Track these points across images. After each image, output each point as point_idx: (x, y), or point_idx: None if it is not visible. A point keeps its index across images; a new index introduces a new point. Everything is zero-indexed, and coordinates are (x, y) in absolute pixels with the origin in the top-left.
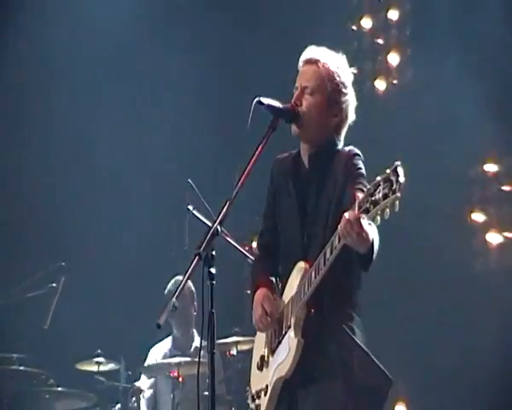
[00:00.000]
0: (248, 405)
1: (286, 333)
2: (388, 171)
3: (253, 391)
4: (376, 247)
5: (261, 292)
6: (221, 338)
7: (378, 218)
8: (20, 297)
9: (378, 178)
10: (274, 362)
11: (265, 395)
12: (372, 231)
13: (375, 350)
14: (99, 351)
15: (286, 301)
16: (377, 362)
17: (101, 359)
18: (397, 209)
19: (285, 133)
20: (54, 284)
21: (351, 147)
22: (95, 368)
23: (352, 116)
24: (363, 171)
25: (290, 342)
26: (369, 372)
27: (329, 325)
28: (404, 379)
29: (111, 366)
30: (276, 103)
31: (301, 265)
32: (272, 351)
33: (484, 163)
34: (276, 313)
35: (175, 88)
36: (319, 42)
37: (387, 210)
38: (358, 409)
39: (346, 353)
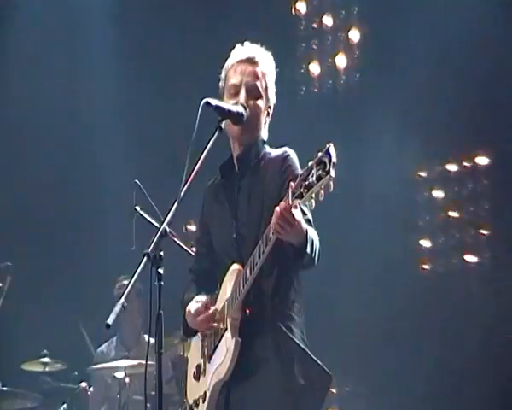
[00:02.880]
0: None
1: (222, 336)
2: (320, 153)
3: (191, 401)
4: (317, 246)
5: (194, 301)
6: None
7: (313, 201)
8: None
9: (310, 163)
10: (211, 367)
11: (204, 401)
12: (311, 230)
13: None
14: (45, 351)
15: (220, 306)
16: (316, 359)
17: (47, 359)
18: (331, 189)
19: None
20: (0, 284)
21: (285, 148)
22: (41, 368)
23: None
24: (299, 171)
25: (227, 342)
26: (308, 370)
27: (266, 325)
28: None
29: (57, 366)
30: (225, 104)
31: (234, 267)
32: (209, 357)
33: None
34: (210, 323)
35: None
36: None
37: (322, 192)
38: (298, 407)
39: (284, 352)
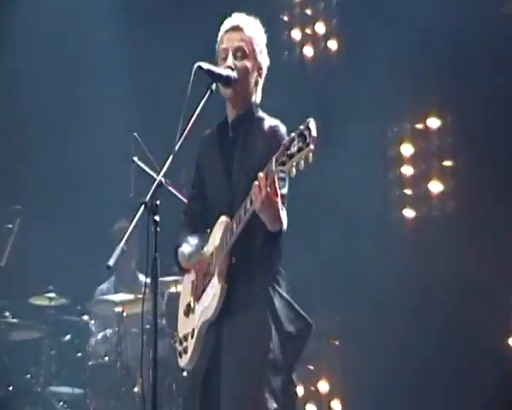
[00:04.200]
0: (176, 348)
1: (210, 281)
2: (302, 127)
3: (181, 335)
4: (285, 227)
5: (186, 247)
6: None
7: (293, 170)
8: None
9: (293, 134)
10: (199, 307)
11: (192, 337)
12: (283, 214)
13: None
14: (50, 287)
15: (209, 253)
16: (299, 309)
17: (52, 294)
18: (310, 161)
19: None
20: (10, 226)
21: (278, 121)
22: (46, 302)
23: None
24: None
25: (214, 288)
26: (293, 318)
27: (254, 275)
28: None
29: (61, 301)
30: (215, 68)
31: (223, 218)
32: (197, 298)
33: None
34: (199, 269)
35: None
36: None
37: (302, 162)
38: (282, 349)
39: (271, 300)
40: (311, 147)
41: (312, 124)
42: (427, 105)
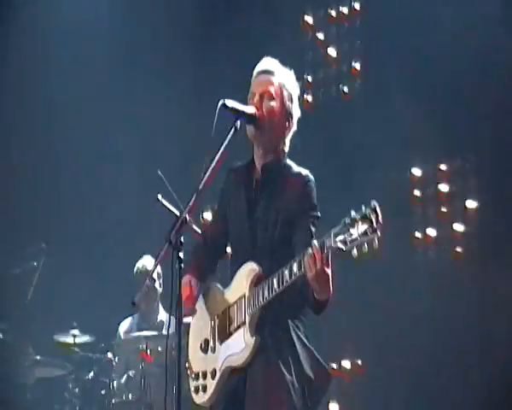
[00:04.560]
0: (187, 377)
1: (239, 328)
2: (368, 210)
3: (196, 370)
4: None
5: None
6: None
7: (355, 252)
8: (4, 274)
9: (357, 216)
10: (223, 351)
11: (213, 378)
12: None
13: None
14: (75, 324)
15: (235, 298)
16: (320, 359)
17: (76, 331)
18: (376, 247)
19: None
20: (35, 263)
21: (306, 172)
22: (71, 339)
23: (295, 127)
24: (316, 201)
25: (246, 339)
26: (314, 366)
27: (281, 324)
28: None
29: (85, 338)
30: (240, 105)
31: (251, 266)
32: (220, 340)
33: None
34: (216, 310)
35: (150, 88)
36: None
37: (366, 246)
38: (302, 395)
39: (294, 348)
40: (379, 233)
41: (378, 209)
42: (451, 146)
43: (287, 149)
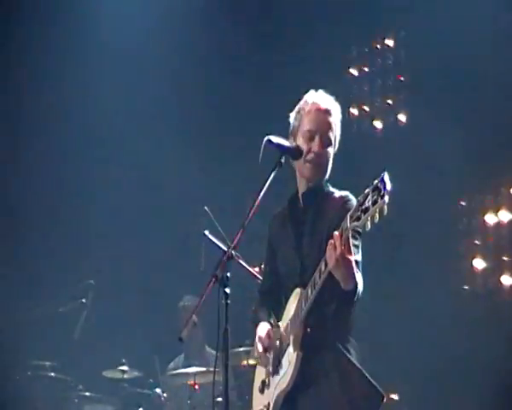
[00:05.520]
0: None
1: (285, 352)
2: (376, 181)
3: None
4: (360, 291)
5: (261, 327)
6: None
7: (368, 224)
8: (54, 310)
9: (367, 190)
10: (274, 380)
11: None
12: (358, 277)
13: None
14: (123, 360)
15: (284, 326)
16: (370, 378)
17: (125, 367)
18: (385, 213)
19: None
20: (83, 300)
21: (347, 192)
22: (120, 376)
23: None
24: None
25: (289, 356)
26: (363, 386)
27: (326, 344)
28: None
29: (134, 374)
30: (284, 142)
31: (297, 290)
32: (272, 373)
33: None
34: (273, 346)
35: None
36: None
37: (377, 215)
38: None
39: (342, 368)
40: (386, 200)
41: (387, 177)
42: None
43: (328, 174)
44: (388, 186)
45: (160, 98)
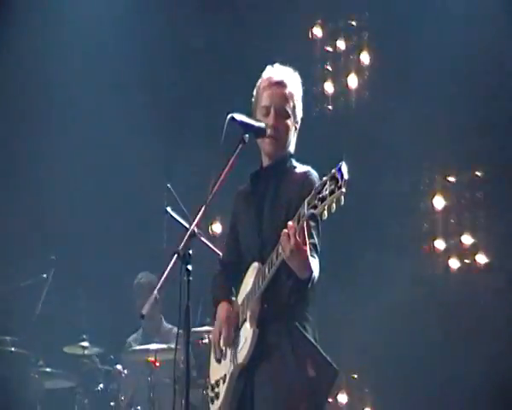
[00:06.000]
0: (208, 394)
1: (242, 326)
2: (333, 170)
3: (213, 382)
4: (316, 277)
5: (222, 309)
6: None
7: (325, 213)
8: (14, 286)
9: (324, 178)
10: (231, 352)
11: (224, 382)
12: (314, 263)
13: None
14: (84, 336)
15: (241, 300)
16: (326, 356)
17: (86, 343)
18: (342, 203)
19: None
20: (44, 275)
21: (309, 167)
22: (80, 351)
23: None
24: None
25: (246, 332)
26: (318, 364)
27: (283, 321)
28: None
29: (95, 350)
30: (248, 120)
31: (254, 265)
32: (230, 344)
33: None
34: (230, 338)
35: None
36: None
37: (334, 205)
38: (307, 395)
39: (298, 347)
40: (343, 190)
41: (344, 167)
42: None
43: (292, 149)
44: (346, 176)
45: (121, 80)
